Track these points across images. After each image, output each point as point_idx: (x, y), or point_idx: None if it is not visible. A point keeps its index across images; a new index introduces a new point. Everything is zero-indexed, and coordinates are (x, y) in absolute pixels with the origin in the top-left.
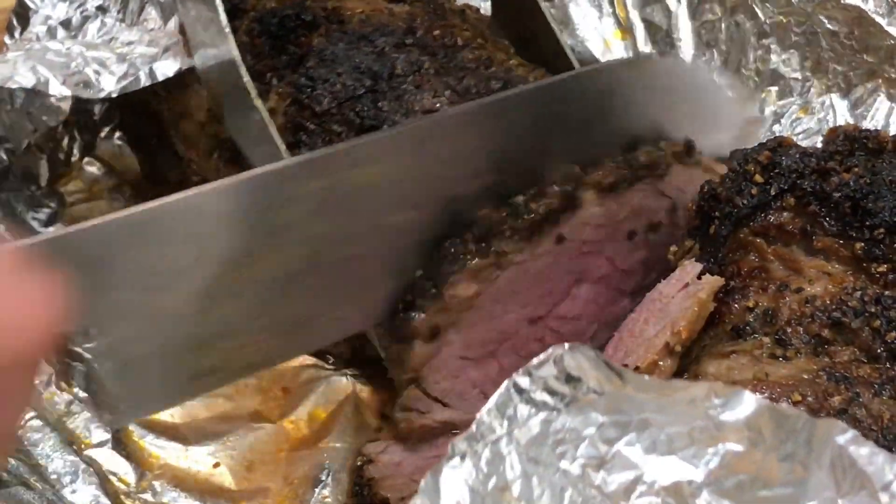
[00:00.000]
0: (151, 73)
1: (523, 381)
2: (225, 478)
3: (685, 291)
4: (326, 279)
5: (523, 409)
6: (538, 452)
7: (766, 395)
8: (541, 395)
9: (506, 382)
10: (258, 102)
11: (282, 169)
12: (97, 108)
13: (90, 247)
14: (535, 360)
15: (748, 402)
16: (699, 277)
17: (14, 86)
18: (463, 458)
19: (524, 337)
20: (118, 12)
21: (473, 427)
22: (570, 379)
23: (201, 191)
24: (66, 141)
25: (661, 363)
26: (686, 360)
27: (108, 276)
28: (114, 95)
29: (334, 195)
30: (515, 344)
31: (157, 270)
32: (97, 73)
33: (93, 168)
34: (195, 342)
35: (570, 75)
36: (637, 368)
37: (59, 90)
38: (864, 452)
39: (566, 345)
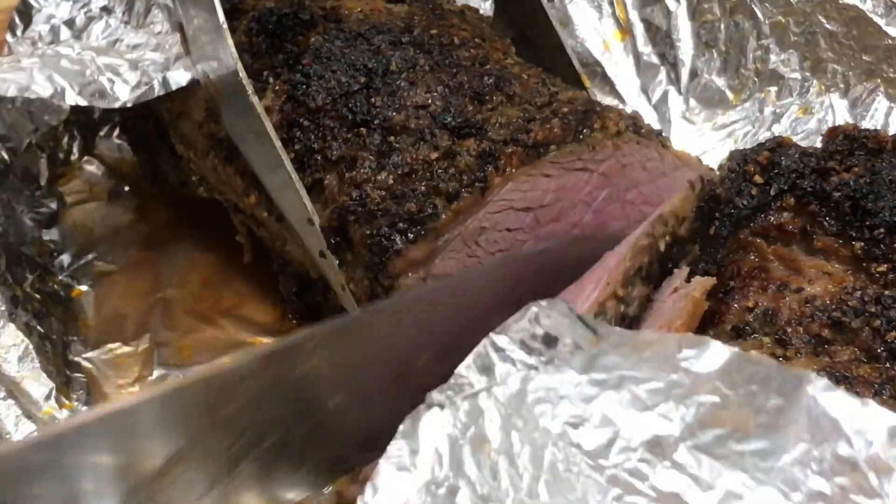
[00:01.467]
0: (165, 83)
1: (501, 340)
2: None
3: (677, 294)
4: (264, 462)
5: (501, 367)
6: (517, 410)
7: None
8: (518, 354)
9: (483, 340)
10: (254, 99)
11: (227, 370)
12: (97, 108)
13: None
14: (511, 318)
15: (718, 353)
16: (688, 280)
17: (32, 96)
18: (441, 407)
19: None
20: (123, 13)
21: (451, 380)
22: (546, 337)
23: (137, 400)
24: (66, 140)
25: None
26: None
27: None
28: (129, 105)
29: (275, 387)
30: None
31: (83, 483)
32: (111, 81)
33: (92, 167)
34: None
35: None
36: None
37: (75, 100)
38: (836, 399)
39: (542, 302)
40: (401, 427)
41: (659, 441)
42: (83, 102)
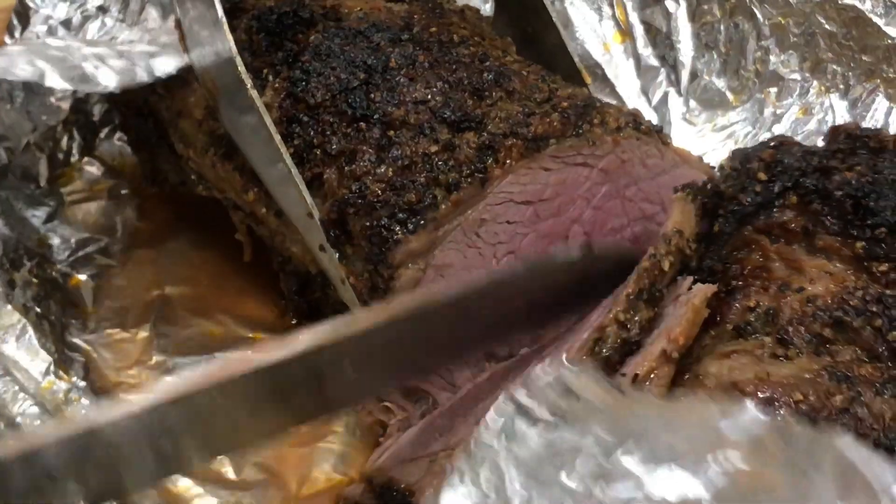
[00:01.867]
0: (149, 70)
1: (521, 395)
2: (226, 467)
3: (678, 301)
4: None
5: (522, 426)
6: (538, 468)
7: (767, 394)
8: (540, 412)
9: (502, 395)
10: (253, 93)
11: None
12: (97, 109)
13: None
14: (532, 374)
15: (751, 418)
16: (689, 289)
17: (12, 78)
18: (462, 476)
19: None
20: (119, 12)
21: (472, 444)
22: (569, 394)
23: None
24: (65, 140)
25: (658, 370)
26: (687, 361)
27: None
28: (113, 91)
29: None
30: None
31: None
32: (96, 67)
33: (92, 168)
34: None
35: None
36: (636, 376)
37: (56, 83)
38: (863, 456)
39: (565, 360)
40: (422, 500)
41: (685, 500)
42: (64, 85)
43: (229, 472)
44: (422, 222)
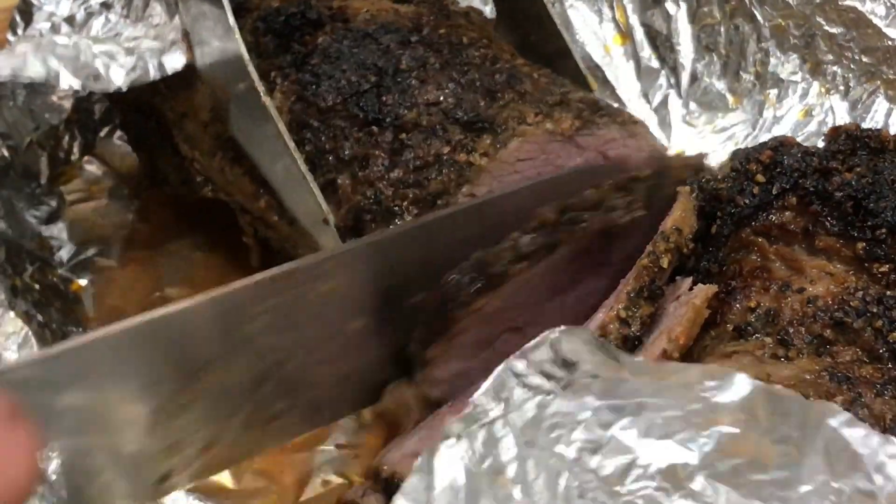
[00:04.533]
0: (161, 67)
1: (519, 365)
2: (224, 477)
3: (678, 301)
4: (291, 382)
5: (519, 393)
6: (533, 436)
7: None
8: (536, 379)
9: (501, 365)
10: (267, 100)
11: (240, 289)
12: (98, 108)
13: (49, 374)
14: (530, 344)
15: (742, 385)
16: (690, 289)
17: (25, 80)
18: (458, 438)
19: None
20: (122, 8)
21: (468, 409)
22: (565, 363)
23: (154, 316)
24: (66, 139)
25: None
26: (687, 361)
27: (64, 399)
28: (123, 89)
29: (293, 309)
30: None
31: (113, 391)
32: (106, 66)
33: (92, 167)
34: (155, 450)
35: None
36: None
37: (69, 82)
38: (858, 434)
39: (561, 327)
40: (416, 463)
41: (676, 469)
42: (77, 86)
43: (228, 482)
44: None
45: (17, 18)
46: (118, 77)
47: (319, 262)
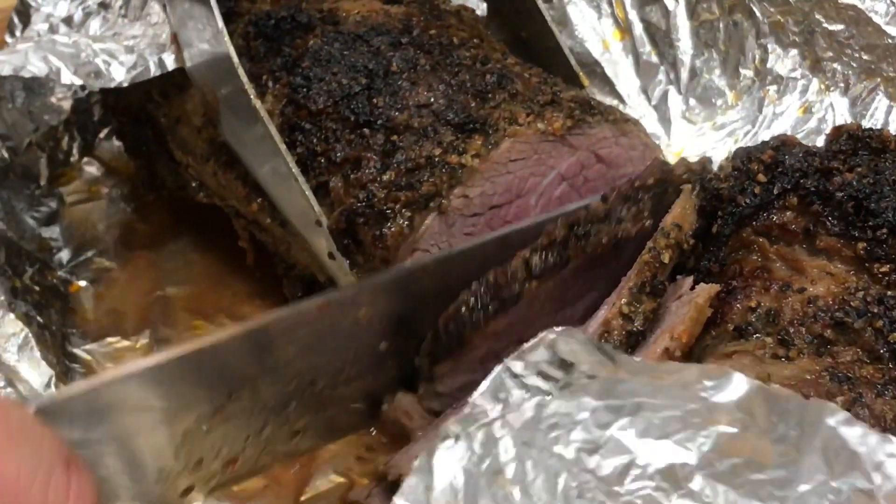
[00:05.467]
0: (161, 64)
1: (516, 366)
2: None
3: (680, 300)
4: (314, 402)
5: (516, 394)
6: (532, 437)
7: None
8: (534, 380)
9: (498, 367)
10: (257, 103)
11: (273, 321)
12: (97, 109)
13: (85, 407)
14: (527, 345)
15: (739, 384)
16: (691, 288)
17: (27, 75)
18: (457, 439)
19: None
20: (121, 7)
21: (466, 409)
22: (563, 363)
23: (188, 350)
24: (66, 140)
25: None
26: (688, 361)
27: (96, 432)
28: (125, 85)
29: (324, 336)
30: None
31: (144, 421)
32: (107, 63)
33: (92, 168)
34: (180, 468)
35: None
36: None
37: (70, 79)
38: (856, 433)
39: (558, 329)
40: (415, 463)
41: (675, 469)
42: (79, 82)
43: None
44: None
45: (15, 20)
46: (119, 74)
47: (352, 295)
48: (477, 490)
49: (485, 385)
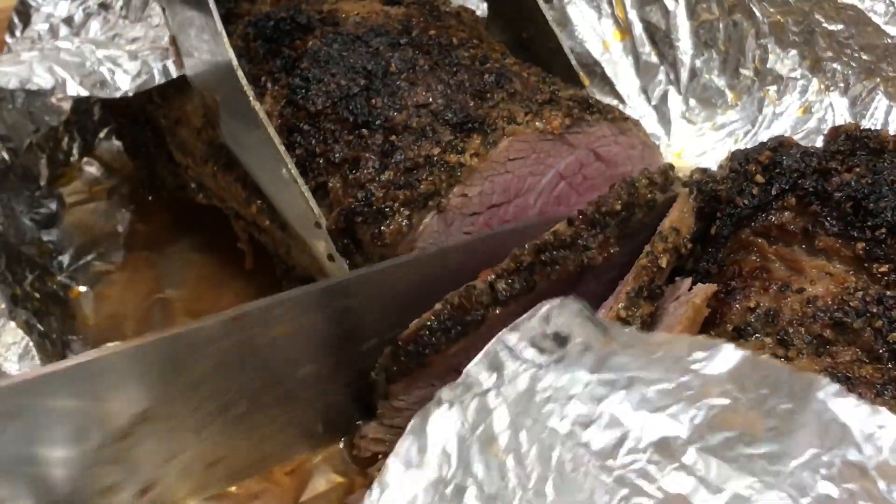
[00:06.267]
0: (165, 71)
1: (511, 338)
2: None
3: (678, 300)
4: (238, 425)
5: (511, 365)
6: (526, 409)
7: None
8: (528, 352)
9: (494, 339)
10: (256, 104)
11: (194, 330)
12: (96, 109)
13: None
14: (522, 317)
15: (729, 355)
16: (689, 289)
17: (34, 87)
18: (451, 405)
19: None
20: (121, 8)
21: (461, 378)
22: (557, 336)
23: (104, 353)
24: (66, 141)
25: None
26: None
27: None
28: (130, 95)
29: (243, 352)
30: None
31: (45, 436)
32: (111, 71)
33: (92, 168)
34: (90, 493)
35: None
36: None
37: (76, 90)
38: (847, 405)
39: (554, 300)
40: (409, 424)
41: (668, 443)
42: (85, 93)
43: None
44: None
45: (16, 20)
46: (124, 83)
47: (264, 308)
48: (469, 455)
49: (479, 356)
